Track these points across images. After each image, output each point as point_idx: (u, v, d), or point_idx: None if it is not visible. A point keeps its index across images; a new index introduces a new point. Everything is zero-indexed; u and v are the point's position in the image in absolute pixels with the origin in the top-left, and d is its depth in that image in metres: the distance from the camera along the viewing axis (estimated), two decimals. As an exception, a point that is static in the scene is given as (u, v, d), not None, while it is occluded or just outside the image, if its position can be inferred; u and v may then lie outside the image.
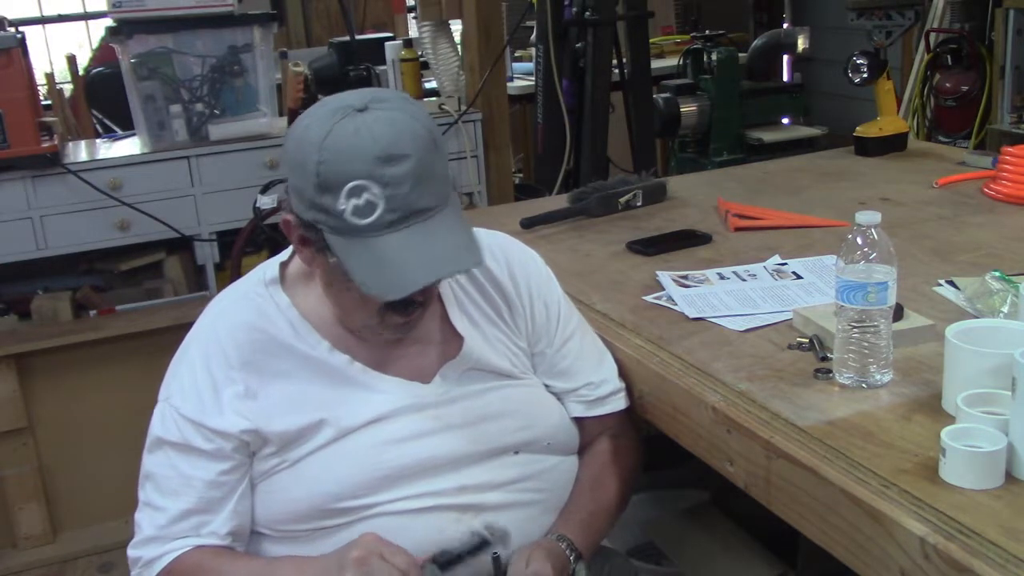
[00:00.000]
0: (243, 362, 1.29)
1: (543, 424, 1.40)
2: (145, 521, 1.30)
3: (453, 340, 1.37)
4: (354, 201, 1.16)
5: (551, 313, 1.46)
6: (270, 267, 1.38)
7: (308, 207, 1.19)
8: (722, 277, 1.70)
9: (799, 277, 1.67)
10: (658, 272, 1.73)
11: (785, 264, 1.73)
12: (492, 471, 1.34)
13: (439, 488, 1.30)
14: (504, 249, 1.46)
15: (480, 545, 1.28)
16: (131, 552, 1.31)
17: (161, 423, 1.30)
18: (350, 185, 1.15)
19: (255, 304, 1.34)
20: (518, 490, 1.36)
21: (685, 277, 1.70)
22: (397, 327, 1.31)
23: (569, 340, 1.46)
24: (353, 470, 1.28)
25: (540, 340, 1.45)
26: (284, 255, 1.39)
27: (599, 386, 1.46)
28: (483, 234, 1.34)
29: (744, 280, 1.68)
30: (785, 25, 5.24)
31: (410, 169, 1.16)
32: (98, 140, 3.12)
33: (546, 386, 1.45)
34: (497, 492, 1.34)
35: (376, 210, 1.16)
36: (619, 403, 1.48)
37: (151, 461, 1.31)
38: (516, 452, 1.36)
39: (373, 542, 1.21)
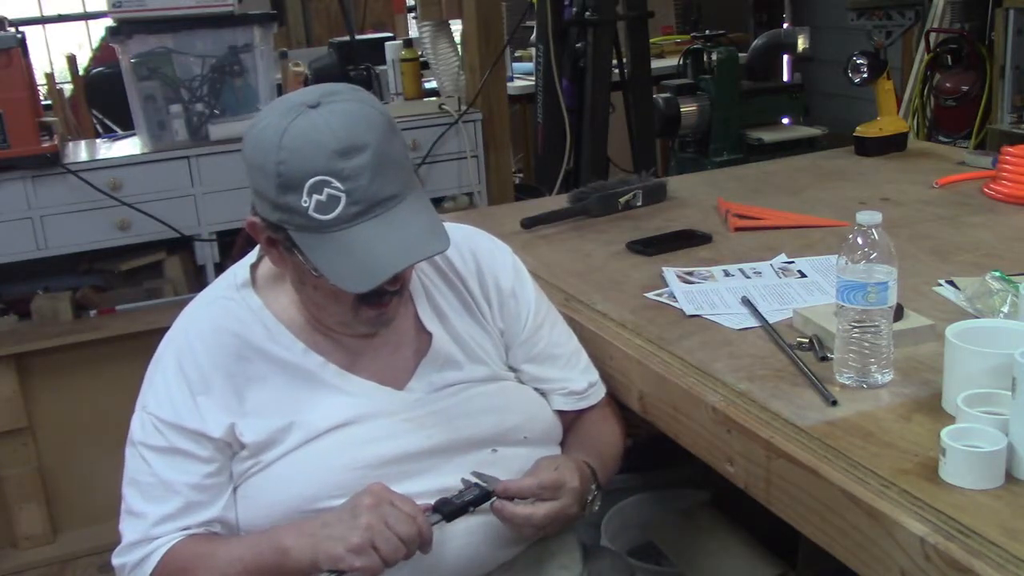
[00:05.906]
0: (216, 367, 1.29)
1: (518, 416, 1.39)
2: (128, 528, 1.28)
3: (424, 338, 1.38)
4: (316, 197, 1.16)
5: (520, 302, 1.45)
6: (240, 270, 1.37)
7: (272, 208, 1.19)
8: (727, 274, 1.70)
9: (804, 276, 1.67)
10: (664, 268, 1.73)
11: (792, 262, 1.73)
12: (469, 470, 1.32)
13: (419, 490, 1.28)
14: (469, 240, 1.46)
15: (482, 496, 1.26)
16: (115, 560, 1.29)
17: (141, 430, 1.29)
18: (311, 182, 1.15)
19: (227, 308, 1.33)
20: None
21: (691, 274, 1.70)
22: (372, 320, 1.30)
23: (541, 328, 1.46)
24: (325, 470, 1.27)
25: (511, 329, 1.44)
26: (252, 256, 1.38)
27: (578, 381, 1.47)
28: (449, 228, 1.35)
29: (748, 277, 1.68)
30: (785, 25, 5.23)
31: (369, 159, 1.16)
32: (98, 140, 3.12)
33: (524, 372, 1.45)
34: None
35: (339, 204, 1.16)
36: (599, 394, 1.50)
37: (133, 468, 1.29)
38: (494, 450, 1.35)
39: (382, 490, 1.21)
